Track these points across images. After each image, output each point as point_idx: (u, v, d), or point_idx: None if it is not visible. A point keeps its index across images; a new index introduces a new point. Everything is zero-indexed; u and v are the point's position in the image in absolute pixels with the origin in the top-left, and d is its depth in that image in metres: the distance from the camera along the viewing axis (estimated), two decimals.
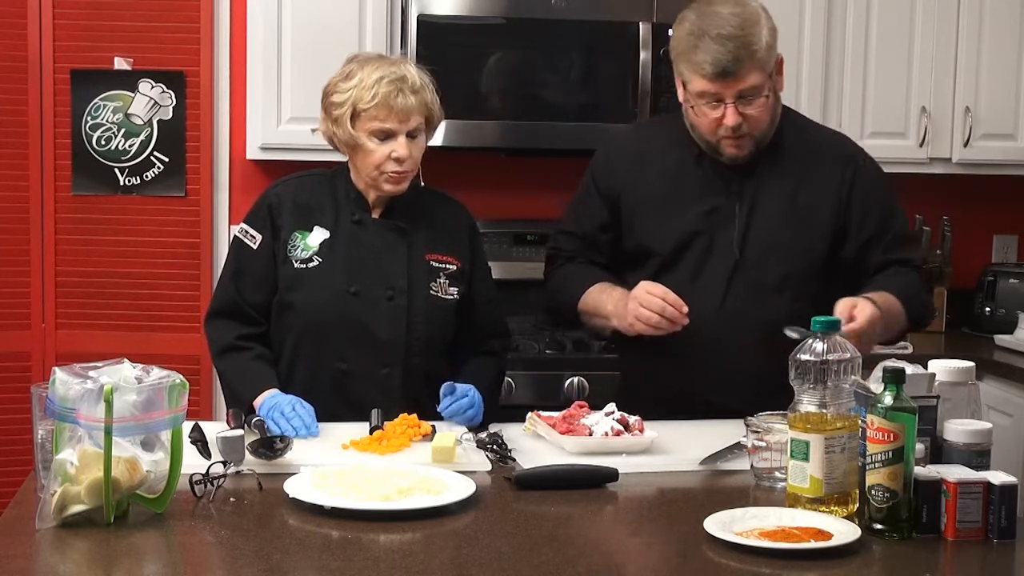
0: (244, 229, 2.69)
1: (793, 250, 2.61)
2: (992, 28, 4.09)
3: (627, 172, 2.71)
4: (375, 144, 2.57)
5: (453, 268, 2.69)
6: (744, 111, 2.51)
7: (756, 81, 2.49)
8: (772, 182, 2.63)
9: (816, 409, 1.98)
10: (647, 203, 2.67)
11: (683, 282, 2.60)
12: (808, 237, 2.62)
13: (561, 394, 3.62)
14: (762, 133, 2.58)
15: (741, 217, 2.61)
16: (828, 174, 2.64)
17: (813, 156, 2.66)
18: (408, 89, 2.55)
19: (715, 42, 2.47)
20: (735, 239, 2.61)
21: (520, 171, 4.21)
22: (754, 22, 2.50)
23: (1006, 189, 4.43)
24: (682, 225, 2.63)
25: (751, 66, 2.48)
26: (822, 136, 2.75)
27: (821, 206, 2.63)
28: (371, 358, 2.61)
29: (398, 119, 2.55)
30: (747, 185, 2.62)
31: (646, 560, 1.85)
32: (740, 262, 2.60)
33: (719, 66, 2.47)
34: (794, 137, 2.67)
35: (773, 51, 2.53)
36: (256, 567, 1.76)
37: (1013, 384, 3.66)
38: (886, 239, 2.65)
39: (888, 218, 2.67)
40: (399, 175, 2.59)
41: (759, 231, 2.61)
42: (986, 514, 1.89)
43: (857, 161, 2.68)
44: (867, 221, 2.64)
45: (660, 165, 2.68)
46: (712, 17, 2.50)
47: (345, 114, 2.56)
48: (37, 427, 2.00)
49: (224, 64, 4.04)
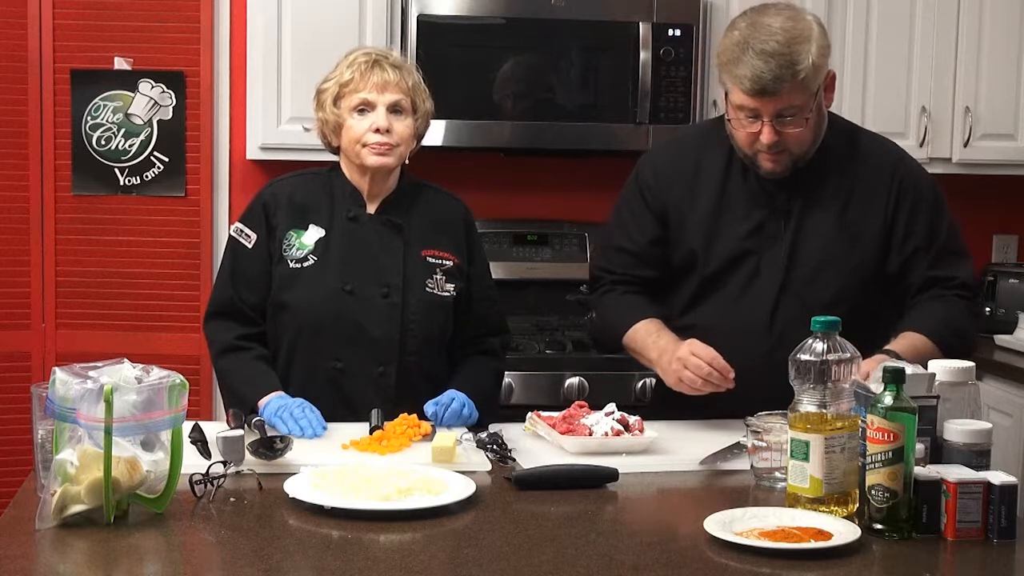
0: (239, 229, 2.69)
1: (843, 267, 2.54)
2: (992, 28, 4.09)
3: (677, 187, 2.62)
4: (356, 119, 2.59)
5: (450, 264, 2.69)
6: (783, 130, 2.44)
7: (797, 101, 2.41)
8: (819, 196, 2.55)
9: (816, 409, 1.98)
10: (695, 218, 2.60)
11: (729, 300, 2.57)
12: (858, 253, 2.55)
13: (561, 394, 3.62)
14: (802, 151, 2.49)
15: (788, 234, 2.55)
16: (874, 184, 2.56)
17: (859, 165, 2.57)
18: (388, 64, 2.61)
19: (758, 57, 2.38)
20: (782, 257, 2.55)
21: (520, 171, 4.21)
22: (803, 39, 2.40)
23: (1006, 189, 4.43)
24: (728, 242, 2.57)
25: (792, 86, 2.39)
26: (867, 142, 2.64)
27: (869, 218, 2.55)
28: (366, 357, 2.61)
29: (377, 89, 2.59)
30: (794, 200, 2.55)
31: (646, 560, 1.85)
32: (787, 280, 2.54)
33: (759, 83, 2.38)
34: (839, 146, 2.58)
35: (821, 70, 2.43)
36: (256, 567, 1.76)
37: (1013, 384, 3.66)
38: (930, 254, 2.55)
39: (933, 230, 2.56)
40: (380, 146, 2.59)
41: (807, 248, 2.55)
42: (986, 514, 1.89)
43: (902, 168, 2.59)
44: (912, 233, 2.55)
45: (707, 179, 2.60)
46: (760, 29, 2.40)
47: (329, 96, 2.61)
48: (37, 427, 2.00)
49: (224, 64, 4.04)
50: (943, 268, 2.56)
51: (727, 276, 2.58)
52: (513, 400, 3.55)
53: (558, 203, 4.24)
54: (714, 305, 2.59)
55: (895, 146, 2.69)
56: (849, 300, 2.52)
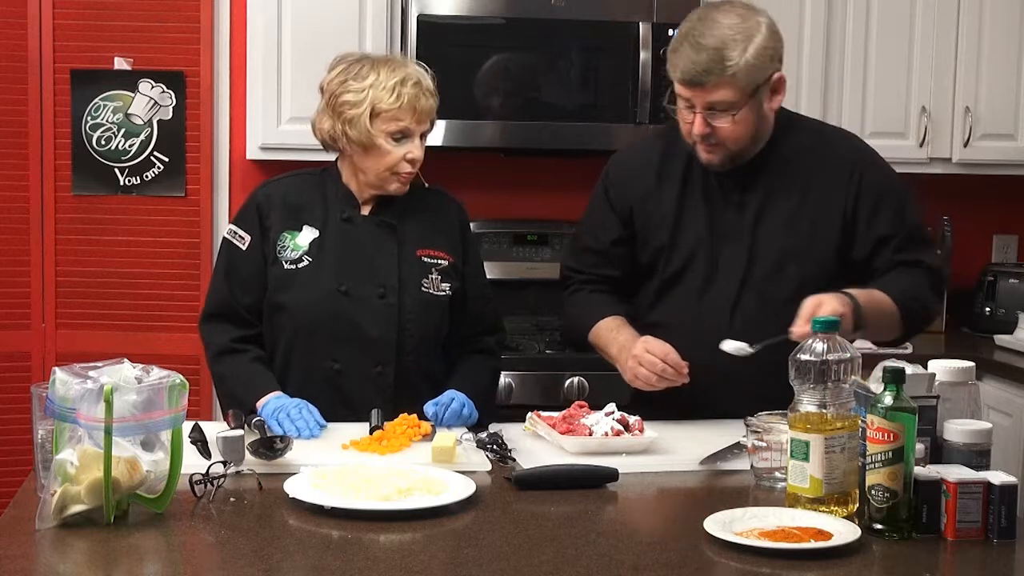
0: (233, 230, 2.68)
1: (802, 261, 2.56)
2: (992, 28, 4.09)
3: (640, 185, 2.66)
4: (391, 145, 2.57)
5: (445, 263, 2.69)
6: (713, 123, 2.47)
7: (726, 97, 2.44)
8: (777, 193, 2.58)
9: (816, 409, 1.98)
10: (657, 217, 2.63)
11: (691, 296, 2.59)
12: (816, 247, 2.57)
13: (561, 394, 3.62)
14: (737, 147, 2.52)
15: (747, 229, 2.58)
16: (834, 178, 2.58)
17: (819, 162, 2.60)
18: (427, 92, 2.59)
19: (693, 49, 2.43)
20: (742, 252, 2.58)
21: (520, 171, 4.21)
22: (743, 38, 2.43)
23: (1006, 189, 4.43)
24: (689, 238, 2.60)
25: (721, 81, 2.43)
26: (829, 139, 2.67)
27: (828, 213, 2.58)
28: (363, 357, 2.61)
29: (418, 120, 2.58)
30: (752, 196, 2.58)
31: (646, 560, 1.85)
32: (747, 275, 2.57)
33: (688, 74, 2.44)
34: (799, 144, 2.61)
35: (759, 70, 2.45)
36: (256, 567, 1.76)
37: (1013, 384, 3.66)
38: (896, 240, 2.58)
39: (899, 218, 2.59)
40: (410, 176, 2.62)
41: (766, 243, 2.57)
42: (986, 514, 1.89)
43: (865, 161, 2.62)
44: (876, 221, 2.57)
45: (670, 177, 2.64)
46: (705, 23, 2.45)
47: (363, 114, 2.55)
48: (37, 427, 2.00)
49: (224, 64, 4.04)
50: (908, 253, 2.58)
51: (688, 272, 2.61)
52: (513, 400, 3.55)
53: (558, 203, 4.23)
54: (676, 301, 2.62)
55: (862, 146, 2.71)
56: (808, 294, 2.51)
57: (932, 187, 4.32)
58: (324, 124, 2.62)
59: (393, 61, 2.62)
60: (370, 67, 2.58)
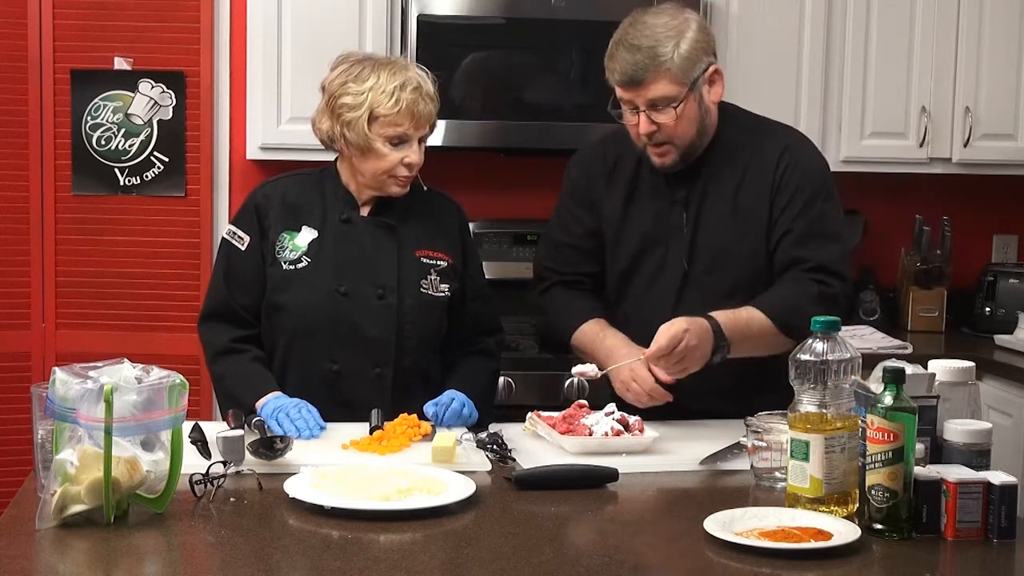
0: (232, 231, 2.68)
1: (738, 256, 2.60)
2: (992, 28, 4.09)
3: (598, 182, 2.72)
4: (389, 149, 2.57)
5: (444, 264, 2.69)
6: (657, 120, 2.51)
7: (665, 91, 2.49)
8: (713, 188, 2.61)
9: (816, 409, 1.98)
10: (612, 214, 2.69)
11: (640, 293, 2.65)
12: (749, 242, 2.60)
13: (561, 394, 3.62)
14: (685, 143, 2.55)
15: (688, 226, 2.61)
16: (763, 173, 2.60)
17: (753, 156, 2.63)
18: (427, 96, 2.58)
19: (626, 50, 2.50)
20: (684, 249, 2.61)
21: (520, 171, 4.21)
22: (674, 34, 2.49)
23: (1006, 189, 4.43)
24: (635, 237, 2.65)
25: (657, 76, 2.48)
26: (765, 133, 2.68)
27: (758, 208, 2.60)
28: (362, 358, 2.61)
29: (416, 125, 2.58)
30: (692, 192, 2.62)
31: (646, 560, 1.85)
32: (688, 272, 2.61)
33: (625, 75, 2.50)
34: (736, 139, 2.63)
35: (694, 62, 2.50)
36: (256, 567, 1.76)
37: (1013, 384, 3.66)
38: (793, 234, 2.57)
39: (801, 214, 2.57)
40: (408, 179, 2.62)
41: (705, 240, 2.61)
42: (986, 514, 1.89)
43: (787, 156, 2.61)
44: (785, 214, 2.58)
45: (621, 174, 2.69)
46: (636, 26, 2.53)
47: (361, 117, 2.55)
48: (37, 427, 2.00)
49: (224, 64, 4.04)
50: (802, 249, 2.57)
51: (636, 270, 2.66)
52: (513, 400, 3.55)
53: None
54: (628, 300, 2.67)
55: (792, 134, 2.71)
56: (747, 289, 2.59)
57: (932, 187, 4.34)
58: (323, 124, 2.62)
59: (395, 64, 2.61)
60: (371, 69, 2.58)
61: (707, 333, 2.44)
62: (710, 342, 2.45)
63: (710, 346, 2.45)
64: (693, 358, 2.43)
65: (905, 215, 4.34)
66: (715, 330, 2.46)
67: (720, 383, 2.51)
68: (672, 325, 2.41)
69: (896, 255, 4.37)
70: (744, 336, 2.49)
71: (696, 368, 2.45)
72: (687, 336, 2.40)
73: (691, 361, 2.43)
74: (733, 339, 2.47)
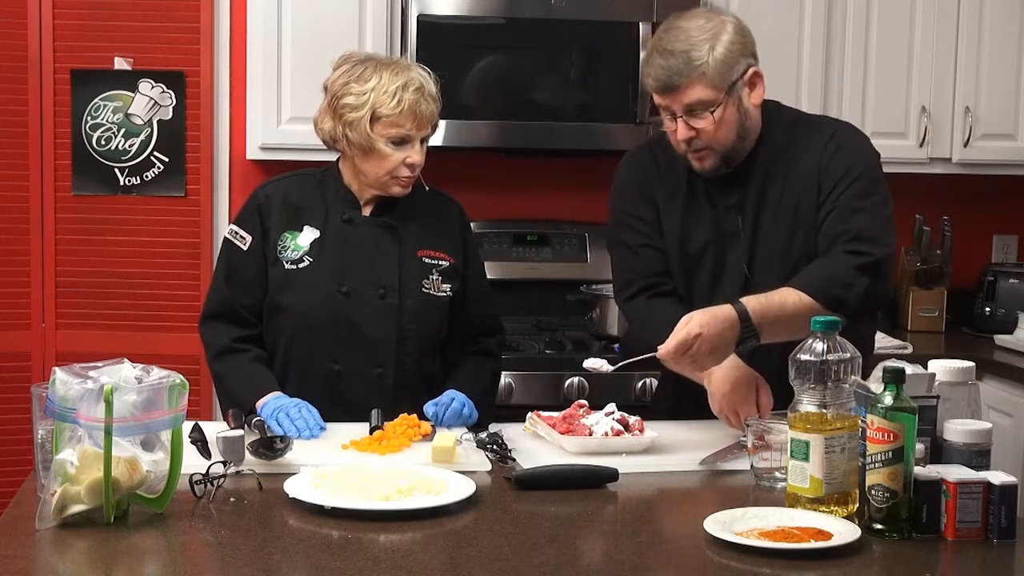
0: (234, 231, 2.68)
1: (796, 255, 2.55)
2: (992, 28, 4.09)
3: (654, 183, 2.65)
4: (391, 149, 2.57)
5: (446, 264, 2.69)
6: (695, 125, 2.47)
7: (702, 96, 2.45)
8: (766, 190, 2.57)
9: (816, 409, 1.98)
10: (669, 218, 2.62)
11: (702, 298, 2.56)
12: (807, 239, 2.55)
13: (561, 394, 3.62)
14: (725, 147, 2.51)
15: (745, 231, 2.57)
16: (809, 162, 2.56)
17: (801, 152, 2.58)
18: (429, 97, 2.58)
19: (661, 56, 2.46)
20: (743, 254, 2.57)
21: (520, 171, 4.21)
22: (709, 37, 2.45)
23: (1006, 189, 4.43)
24: (693, 244, 2.60)
25: (693, 81, 2.44)
26: (811, 127, 2.64)
27: (806, 197, 2.55)
28: (364, 358, 2.61)
29: (418, 126, 2.57)
30: (746, 197, 2.57)
31: (646, 560, 1.85)
32: (749, 276, 2.56)
33: (660, 81, 2.46)
34: (783, 137, 2.59)
35: (731, 65, 2.46)
36: (256, 567, 1.76)
37: (1013, 384, 3.66)
38: (837, 211, 2.51)
39: (847, 190, 2.51)
40: (410, 179, 2.61)
41: (763, 243, 2.56)
42: (986, 514, 1.89)
43: (836, 139, 2.56)
44: (829, 197, 2.53)
45: (675, 179, 2.63)
46: (671, 31, 2.49)
47: (363, 117, 2.55)
48: (37, 427, 2.00)
49: (224, 64, 4.04)
50: (841, 224, 2.50)
51: (695, 277, 2.60)
52: (513, 400, 3.55)
53: (558, 203, 4.24)
54: (689, 303, 2.58)
55: (838, 126, 2.66)
56: None
57: (932, 187, 4.33)
58: (325, 124, 2.63)
59: (397, 64, 2.61)
60: (373, 69, 2.58)
61: (728, 325, 2.35)
62: (734, 331, 2.36)
63: (734, 335, 2.36)
64: (706, 358, 2.37)
65: (905, 215, 4.32)
66: (742, 317, 2.37)
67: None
68: (684, 327, 2.33)
69: (896, 255, 4.36)
70: (777, 319, 2.40)
71: (713, 365, 2.41)
72: (699, 342, 2.33)
73: (706, 360, 2.38)
74: (763, 324, 2.38)
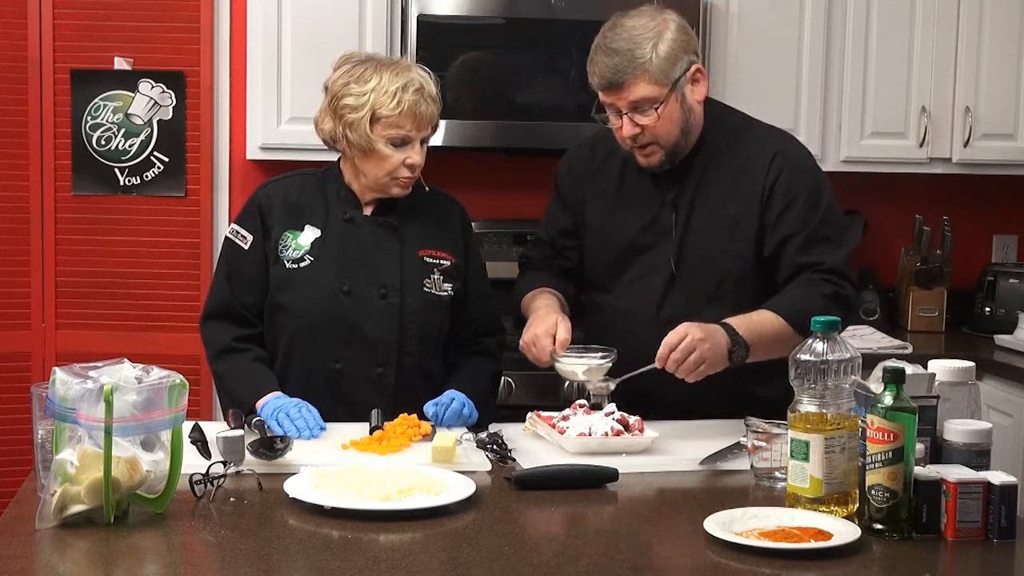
0: (235, 230, 2.68)
1: (724, 259, 2.60)
2: (992, 28, 4.09)
3: (586, 183, 2.73)
4: (391, 150, 2.57)
5: (447, 264, 2.69)
6: (640, 122, 2.51)
7: (646, 93, 2.49)
8: (703, 190, 2.61)
9: (816, 409, 1.98)
10: (599, 214, 2.70)
11: (624, 290, 2.66)
12: (737, 245, 2.59)
13: (561, 394, 3.61)
14: (670, 143, 2.55)
15: (678, 228, 2.62)
16: (754, 174, 2.60)
17: (742, 158, 2.62)
18: (429, 98, 2.58)
19: (604, 54, 2.50)
20: (672, 250, 2.61)
21: (520, 171, 4.21)
22: (652, 35, 2.49)
23: (1006, 189, 4.43)
24: (625, 236, 2.66)
25: (636, 78, 2.48)
26: (755, 135, 2.67)
27: (747, 212, 2.59)
28: (364, 358, 2.61)
29: (418, 126, 2.57)
30: (682, 195, 2.62)
31: (646, 560, 1.85)
32: (677, 273, 2.61)
33: (604, 78, 2.50)
34: (725, 139, 2.63)
35: (673, 62, 2.50)
36: (256, 567, 1.76)
37: (1013, 384, 3.66)
38: (797, 238, 2.56)
39: (805, 218, 2.56)
40: (410, 180, 2.61)
41: (693, 242, 2.61)
42: (986, 514, 1.89)
43: (780, 160, 2.60)
44: (784, 219, 2.57)
45: (609, 175, 2.70)
46: (615, 30, 2.52)
47: (363, 118, 2.55)
48: (37, 427, 2.00)
49: (224, 64, 4.04)
50: (811, 255, 2.56)
51: (624, 268, 2.67)
52: (513, 400, 3.55)
53: None
54: (614, 294, 2.69)
55: (782, 138, 2.69)
56: (730, 292, 2.59)
57: (932, 187, 4.34)
58: (326, 124, 2.63)
59: (397, 65, 2.61)
60: (373, 70, 2.58)
61: (715, 329, 2.42)
62: (724, 337, 2.42)
63: (724, 340, 2.41)
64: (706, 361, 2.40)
65: (905, 215, 4.34)
66: (725, 327, 2.43)
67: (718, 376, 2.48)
68: (683, 332, 2.39)
69: (896, 255, 4.37)
70: (762, 341, 2.46)
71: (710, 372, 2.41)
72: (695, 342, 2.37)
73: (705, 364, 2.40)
74: (753, 345, 2.45)
